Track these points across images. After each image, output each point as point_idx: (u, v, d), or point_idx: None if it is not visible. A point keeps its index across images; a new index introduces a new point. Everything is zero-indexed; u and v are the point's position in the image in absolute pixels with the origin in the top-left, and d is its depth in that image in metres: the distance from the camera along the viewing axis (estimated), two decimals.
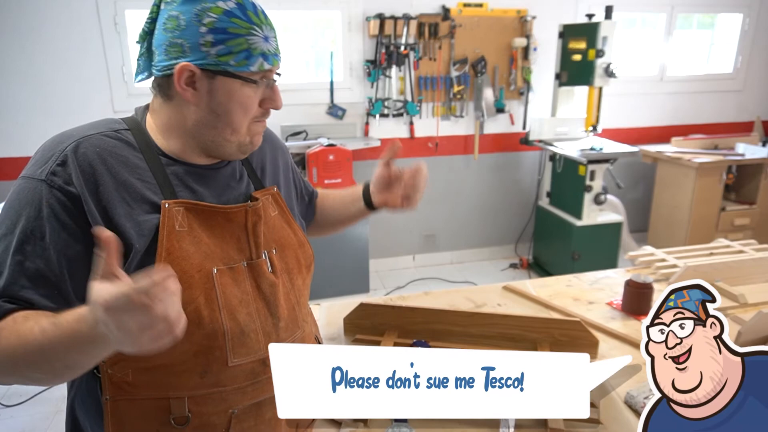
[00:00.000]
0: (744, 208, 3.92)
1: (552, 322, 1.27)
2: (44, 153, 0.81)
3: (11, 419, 2.41)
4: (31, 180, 0.78)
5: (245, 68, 0.82)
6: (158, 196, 0.83)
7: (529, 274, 4.02)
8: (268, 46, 0.84)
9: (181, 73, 0.81)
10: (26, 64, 3.16)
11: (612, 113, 4.17)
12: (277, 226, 0.97)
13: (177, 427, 0.83)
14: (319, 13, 3.59)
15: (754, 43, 4.39)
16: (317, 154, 3.27)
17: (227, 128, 0.86)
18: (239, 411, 0.87)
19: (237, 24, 0.81)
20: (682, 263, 1.66)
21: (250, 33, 0.82)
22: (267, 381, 0.89)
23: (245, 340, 0.86)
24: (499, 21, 3.75)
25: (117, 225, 0.79)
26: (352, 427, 1.04)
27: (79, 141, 0.81)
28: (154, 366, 0.82)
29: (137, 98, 3.35)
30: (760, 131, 4.51)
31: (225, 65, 0.81)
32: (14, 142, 3.26)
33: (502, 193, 4.19)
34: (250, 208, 0.91)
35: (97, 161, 0.80)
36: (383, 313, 1.34)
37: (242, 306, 0.87)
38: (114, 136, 0.84)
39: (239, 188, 0.95)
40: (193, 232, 0.84)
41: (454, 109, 3.84)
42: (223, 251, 0.87)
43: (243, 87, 0.84)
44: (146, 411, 0.83)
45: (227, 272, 0.86)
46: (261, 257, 0.91)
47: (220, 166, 0.93)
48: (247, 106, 0.86)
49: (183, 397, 0.83)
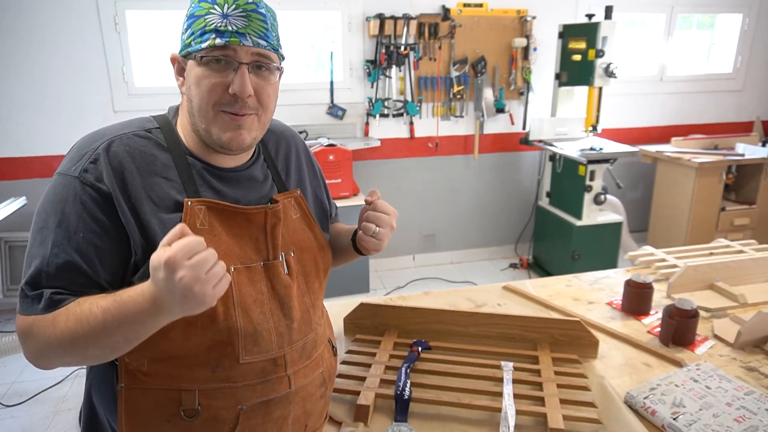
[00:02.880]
0: (744, 208, 3.91)
1: (552, 322, 1.27)
2: (78, 151, 0.84)
3: (11, 419, 2.41)
4: (66, 176, 0.82)
5: (198, 47, 0.82)
6: (182, 194, 0.86)
7: (529, 274, 4.02)
8: (226, 24, 0.81)
9: (173, 64, 0.89)
10: (26, 64, 3.16)
11: (612, 113, 4.17)
12: (297, 228, 0.98)
13: (186, 420, 0.85)
14: (319, 13, 3.59)
15: (754, 43, 4.39)
16: (317, 154, 3.27)
17: (198, 115, 0.86)
18: (248, 408, 0.88)
19: (201, 6, 0.83)
20: (682, 263, 1.66)
21: (209, 12, 0.82)
22: (277, 380, 0.90)
23: (258, 338, 0.87)
24: (499, 21, 3.75)
25: (144, 222, 0.82)
26: (352, 427, 1.04)
27: (112, 140, 0.85)
28: (169, 357, 0.84)
29: (137, 98, 3.35)
30: (760, 131, 4.51)
31: (188, 47, 0.84)
32: (14, 142, 3.25)
33: (502, 193, 4.19)
34: (270, 210, 0.92)
35: (127, 160, 0.84)
36: (383, 313, 1.34)
37: (256, 305, 0.88)
38: (144, 135, 0.88)
39: (262, 190, 0.96)
40: (213, 231, 0.87)
41: (454, 109, 3.84)
42: (242, 251, 0.89)
43: (200, 66, 0.84)
44: (158, 401, 0.85)
45: (244, 271, 0.88)
46: (277, 258, 0.93)
47: (244, 168, 0.95)
48: (205, 88, 0.84)
49: (194, 390, 0.85)
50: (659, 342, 1.34)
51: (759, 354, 1.29)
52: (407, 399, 1.07)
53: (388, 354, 1.24)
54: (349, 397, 1.12)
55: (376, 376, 1.15)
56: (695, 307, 1.32)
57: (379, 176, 3.88)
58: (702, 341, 1.34)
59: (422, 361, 1.22)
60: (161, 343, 0.83)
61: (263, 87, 0.87)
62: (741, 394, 1.09)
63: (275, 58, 0.88)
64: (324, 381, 1.00)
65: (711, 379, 1.13)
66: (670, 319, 1.31)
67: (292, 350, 0.92)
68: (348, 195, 3.43)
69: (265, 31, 0.84)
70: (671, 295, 1.57)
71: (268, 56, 0.86)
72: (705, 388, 1.11)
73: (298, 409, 0.94)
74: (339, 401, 1.11)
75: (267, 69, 0.87)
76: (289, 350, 0.92)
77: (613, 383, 1.16)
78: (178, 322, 0.80)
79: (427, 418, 1.06)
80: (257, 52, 0.84)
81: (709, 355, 1.29)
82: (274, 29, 0.87)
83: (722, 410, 1.04)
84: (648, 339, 1.36)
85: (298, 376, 0.93)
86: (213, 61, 0.83)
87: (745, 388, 1.11)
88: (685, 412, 1.03)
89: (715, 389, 1.10)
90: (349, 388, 1.13)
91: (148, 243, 0.82)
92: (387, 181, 3.91)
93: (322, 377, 1.00)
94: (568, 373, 1.18)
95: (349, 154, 3.36)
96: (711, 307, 1.49)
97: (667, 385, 1.12)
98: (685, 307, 1.31)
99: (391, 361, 1.22)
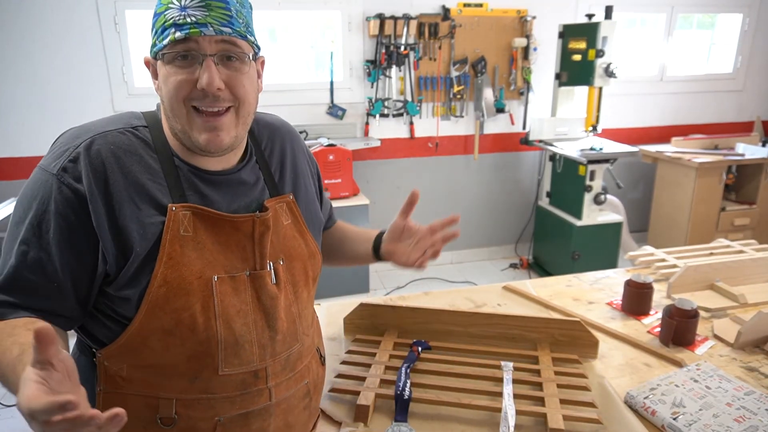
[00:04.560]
0: (744, 208, 3.91)
1: (552, 322, 1.27)
2: (60, 146, 0.82)
3: (11, 419, 2.40)
4: (45, 172, 0.80)
5: (161, 45, 0.79)
6: (167, 198, 0.83)
7: (529, 274, 4.02)
8: (185, 16, 0.77)
9: (148, 68, 0.87)
10: (26, 64, 3.16)
11: (612, 113, 4.17)
12: (288, 235, 0.94)
13: (163, 428, 0.84)
14: (319, 13, 3.59)
15: (754, 43, 4.39)
16: (317, 154, 3.27)
17: (172, 116, 0.82)
18: (226, 420, 0.86)
19: (162, 3, 0.80)
20: (682, 263, 1.66)
21: (168, 8, 0.79)
22: (257, 393, 0.88)
23: (239, 350, 0.85)
24: (499, 21, 3.75)
25: (121, 227, 0.79)
26: (352, 427, 1.04)
27: (94, 138, 0.82)
28: (148, 364, 0.83)
29: (137, 98, 3.35)
30: (760, 131, 4.51)
31: (154, 47, 0.82)
32: (14, 142, 3.25)
33: (502, 193, 4.19)
34: (258, 218, 0.88)
35: (110, 159, 0.80)
36: (383, 313, 1.34)
37: (239, 316, 0.85)
38: (131, 133, 0.85)
39: (252, 194, 0.91)
40: (198, 238, 0.83)
41: (454, 109, 3.84)
42: (227, 259, 0.86)
43: (164, 66, 0.81)
44: (135, 407, 0.83)
45: (228, 281, 0.85)
46: (265, 268, 0.89)
47: (233, 171, 0.90)
48: (171, 85, 0.80)
49: (172, 399, 0.83)
50: (659, 342, 1.34)
51: (759, 354, 1.29)
52: (407, 399, 1.07)
53: (388, 354, 1.24)
54: (349, 397, 1.11)
55: (376, 376, 1.15)
56: (695, 307, 1.32)
57: (379, 176, 3.88)
58: (702, 341, 1.34)
59: (422, 361, 1.22)
60: (141, 351, 0.81)
61: (235, 78, 0.82)
62: (741, 394, 1.09)
63: (245, 45, 0.82)
64: (308, 392, 0.98)
65: (711, 379, 1.13)
66: (670, 319, 1.31)
67: (274, 363, 0.90)
68: (348, 195, 3.43)
69: (228, 18, 0.79)
70: (671, 295, 1.56)
71: (236, 43, 0.81)
72: (705, 388, 1.11)
73: (278, 421, 0.92)
74: (339, 401, 1.11)
75: (237, 59, 0.82)
76: (272, 363, 0.89)
77: (613, 383, 1.16)
78: (156, 331, 0.80)
79: (427, 418, 1.06)
80: (222, 41, 0.79)
81: (709, 355, 1.29)
82: (241, 16, 0.81)
83: (722, 410, 1.04)
84: (648, 339, 1.36)
85: (279, 389, 0.91)
86: (178, 57, 0.79)
87: (745, 388, 1.11)
88: (685, 412, 1.03)
89: (715, 389, 1.10)
90: (349, 388, 1.13)
91: (121, 250, 0.79)
92: (387, 181, 3.91)
93: (307, 388, 0.97)
94: (568, 373, 1.18)
95: (349, 154, 3.36)
96: (711, 307, 1.49)
97: (667, 385, 1.11)
98: (685, 307, 1.31)
99: (391, 361, 1.21)
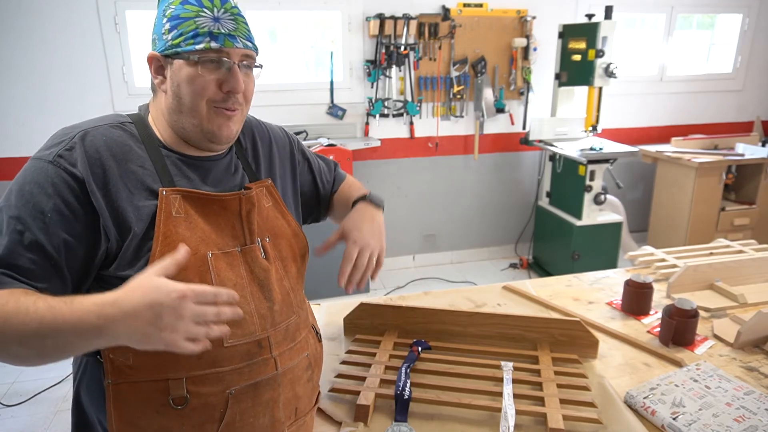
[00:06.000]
0: (744, 208, 3.91)
1: (552, 322, 1.28)
2: (53, 140, 0.87)
3: (11, 419, 2.41)
4: (39, 161, 0.84)
5: (192, 48, 0.87)
6: (157, 184, 0.89)
7: (529, 274, 4.02)
8: (218, 27, 0.88)
9: (150, 63, 0.91)
10: (26, 64, 3.16)
11: (612, 113, 4.17)
12: (270, 216, 1.01)
13: (176, 408, 0.85)
14: (319, 13, 3.59)
15: (754, 43, 4.39)
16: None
17: (188, 111, 0.90)
18: (236, 392, 0.89)
19: (188, 9, 0.88)
20: (682, 263, 1.66)
21: (199, 15, 0.87)
22: (263, 362, 0.92)
23: (240, 321, 0.89)
24: (499, 21, 3.75)
25: (118, 209, 0.84)
26: (352, 427, 1.04)
27: (87, 130, 0.88)
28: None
29: (137, 98, 3.34)
30: (760, 131, 4.51)
31: (176, 47, 0.88)
32: (14, 142, 3.25)
33: (502, 193, 4.19)
34: (244, 195, 0.95)
35: (103, 148, 0.86)
36: (383, 313, 1.34)
37: (237, 289, 0.90)
38: (120, 127, 0.91)
39: (234, 180, 1.00)
40: (189, 218, 0.89)
41: (454, 109, 3.84)
42: (219, 237, 0.92)
43: (193, 66, 0.88)
44: (146, 393, 0.85)
45: (222, 257, 0.90)
46: (254, 243, 0.96)
47: (216, 158, 0.98)
48: (199, 86, 0.89)
49: (181, 378, 0.86)
50: (659, 342, 1.34)
51: (759, 354, 1.29)
52: (407, 399, 1.07)
53: (388, 354, 1.24)
54: (349, 397, 1.12)
55: (376, 376, 1.15)
56: (695, 307, 1.32)
57: (379, 176, 3.88)
58: (702, 341, 1.34)
59: (422, 361, 1.23)
60: None
61: (248, 84, 0.94)
62: (741, 394, 1.09)
63: (256, 57, 0.96)
64: (310, 364, 1.02)
65: (711, 379, 1.13)
66: (670, 319, 1.31)
67: (275, 332, 0.94)
68: None
69: (248, 33, 0.92)
70: (671, 295, 1.57)
71: (252, 56, 0.94)
72: (705, 388, 1.11)
73: (287, 392, 0.95)
74: (339, 401, 1.11)
75: (250, 68, 0.95)
76: (273, 332, 0.94)
77: (613, 383, 1.16)
78: None
79: (427, 418, 1.06)
80: (245, 53, 0.92)
81: (709, 355, 1.29)
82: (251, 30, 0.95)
83: (722, 410, 1.04)
84: (648, 339, 1.36)
85: (283, 358, 0.95)
86: (208, 61, 0.88)
87: (745, 388, 1.11)
88: (685, 412, 1.03)
89: (715, 389, 1.10)
90: (349, 388, 1.13)
91: (119, 229, 0.84)
92: (387, 181, 3.91)
93: (308, 360, 1.01)
94: (568, 373, 1.18)
95: (349, 154, 3.36)
96: (711, 307, 1.50)
97: (666, 385, 1.12)
98: (685, 307, 1.31)
99: (391, 361, 1.22)
